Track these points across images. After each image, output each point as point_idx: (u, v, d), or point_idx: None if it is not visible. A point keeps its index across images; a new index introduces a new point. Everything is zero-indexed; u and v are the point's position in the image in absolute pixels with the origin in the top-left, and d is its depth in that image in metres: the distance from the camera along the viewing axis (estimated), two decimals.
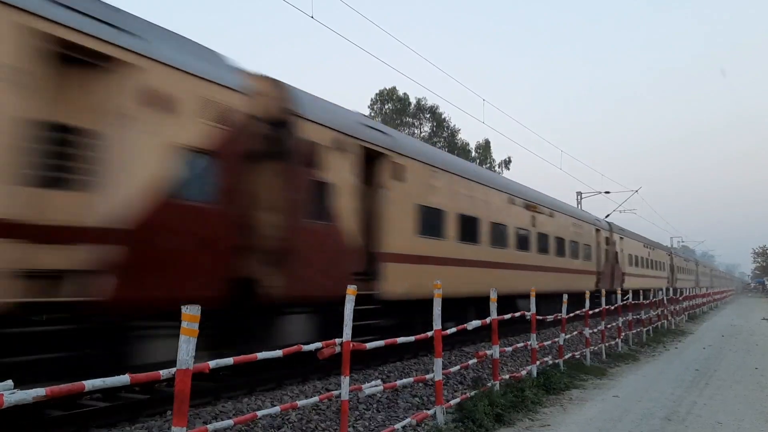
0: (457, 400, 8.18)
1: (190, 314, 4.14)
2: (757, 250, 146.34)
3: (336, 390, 6.24)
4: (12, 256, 5.95)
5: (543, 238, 20.36)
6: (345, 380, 6.03)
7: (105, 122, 6.86)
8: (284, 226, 9.29)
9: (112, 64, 6.91)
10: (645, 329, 19.86)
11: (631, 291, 27.60)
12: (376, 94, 62.80)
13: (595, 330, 15.01)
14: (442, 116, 63.76)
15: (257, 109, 9.05)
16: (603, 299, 15.40)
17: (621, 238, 32.07)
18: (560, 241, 22.14)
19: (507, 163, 66.18)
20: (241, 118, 8.59)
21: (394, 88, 62.33)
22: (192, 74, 7.89)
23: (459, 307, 13.52)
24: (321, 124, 10.15)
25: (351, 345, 6.04)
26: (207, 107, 8.03)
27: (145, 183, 7.21)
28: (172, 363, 4.16)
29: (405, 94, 62.43)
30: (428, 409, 7.67)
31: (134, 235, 6.98)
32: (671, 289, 32.63)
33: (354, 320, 6.09)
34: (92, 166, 6.80)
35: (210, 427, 4.77)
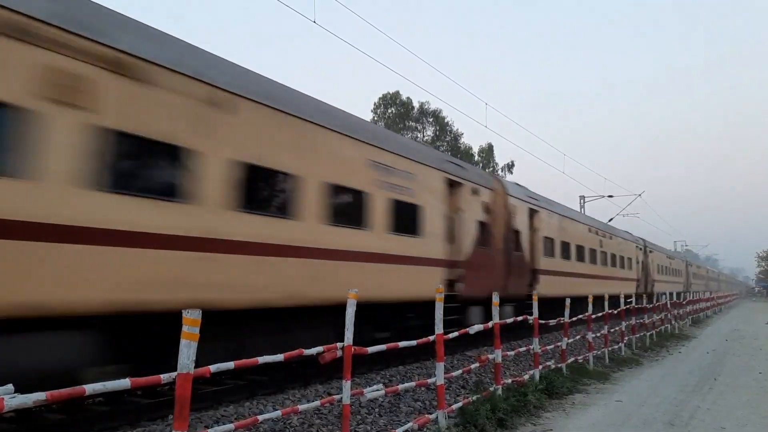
0: (459, 404, 8.16)
1: (192, 318, 4.13)
2: (761, 254, 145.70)
3: (338, 394, 6.23)
4: None
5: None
6: (346, 384, 6.02)
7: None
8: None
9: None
10: (648, 333, 19.81)
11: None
12: (380, 98, 62.83)
13: (598, 334, 14.98)
14: (445, 120, 63.80)
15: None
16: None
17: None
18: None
19: (510, 167, 66.10)
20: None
21: (398, 92, 62.37)
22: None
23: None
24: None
25: (352, 349, 6.04)
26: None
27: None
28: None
29: (408, 98, 62.48)
30: (430, 414, 7.66)
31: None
32: (687, 293, 40.02)
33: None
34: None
35: (211, 431, 4.76)
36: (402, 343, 7.33)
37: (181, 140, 7.33)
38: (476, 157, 65.31)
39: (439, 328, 7.56)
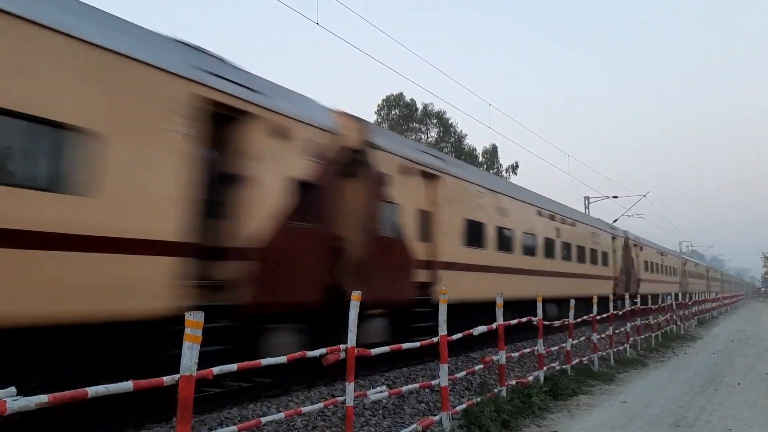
0: (464, 406, 8.14)
1: (194, 320, 4.13)
2: (767, 255, 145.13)
3: (341, 396, 6.22)
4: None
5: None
6: (350, 386, 6.01)
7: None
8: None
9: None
10: (654, 334, 19.73)
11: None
12: (383, 100, 62.86)
13: (603, 335, 14.93)
14: (449, 121, 63.79)
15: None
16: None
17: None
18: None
19: (514, 168, 66.03)
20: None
21: (401, 93, 62.40)
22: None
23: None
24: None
25: (356, 351, 6.03)
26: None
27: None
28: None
29: (412, 99, 62.49)
30: (434, 415, 7.63)
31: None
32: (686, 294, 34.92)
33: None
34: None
35: None
36: (405, 345, 7.32)
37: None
38: (480, 158, 65.27)
39: (442, 330, 7.55)
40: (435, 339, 7.58)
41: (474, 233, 15.10)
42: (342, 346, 5.96)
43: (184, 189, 7.49)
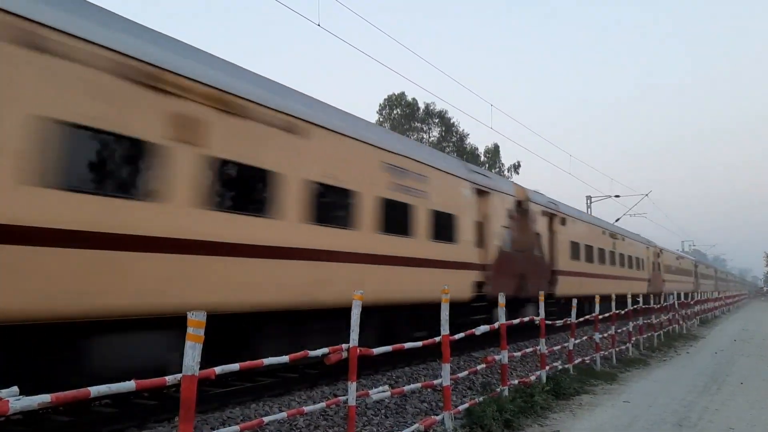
0: (466, 405, 8.13)
1: (196, 320, 4.13)
2: None
3: (344, 395, 6.22)
4: None
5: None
6: (352, 386, 6.01)
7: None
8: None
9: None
10: (656, 334, 19.71)
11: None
12: (385, 100, 62.84)
13: (606, 334, 14.92)
14: (451, 121, 63.74)
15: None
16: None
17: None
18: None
19: (516, 167, 66.01)
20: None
21: (403, 93, 62.39)
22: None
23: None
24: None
25: (358, 350, 6.03)
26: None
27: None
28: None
29: (413, 99, 62.46)
30: (436, 415, 7.63)
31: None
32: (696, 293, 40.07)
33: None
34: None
35: None
36: (408, 345, 7.31)
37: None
38: (482, 158, 65.24)
39: (444, 329, 7.54)
40: (437, 339, 7.57)
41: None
42: (344, 346, 5.95)
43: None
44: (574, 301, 12.96)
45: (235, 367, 4.73)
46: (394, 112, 62.62)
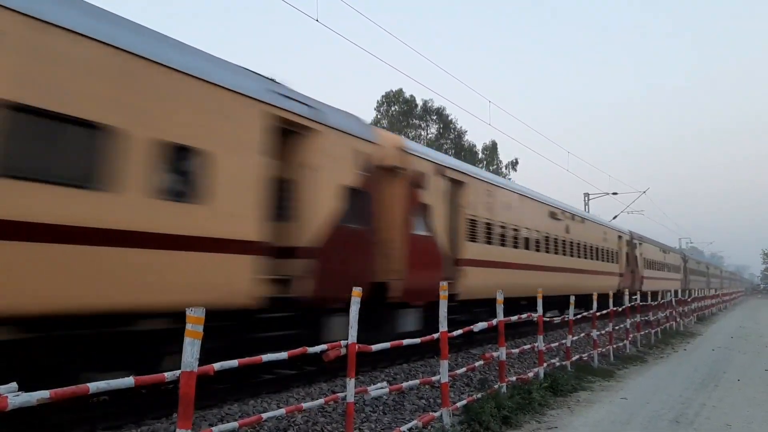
0: (464, 402, 8.15)
1: (195, 317, 4.13)
2: (766, 252, 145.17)
3: (342, 392, 6.23)
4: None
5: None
6: (350, 382, 6.02)
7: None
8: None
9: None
10: (653, 331, 19.75)
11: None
12: (383, 96, 62.84)
13: (603, 332, 14.94)
14: (449, 118, 63.74)
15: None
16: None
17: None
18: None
19: (514, 164, 66.07)
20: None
21: (401, 90, 62.36)
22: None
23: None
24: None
25: (356, 347, 6.04)
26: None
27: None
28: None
29: (411, 96, 62.44)
30: (434, 411, 7.64)
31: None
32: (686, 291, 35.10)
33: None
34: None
35: (215, 429, 4.76)
36: (406, 341, 7.32)
37: None
38: (480, 155, 65.27)
39: (443, 326, 7.55)
40: (435, 335, 7.58)
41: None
42: (343, 342, 5.96)
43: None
44: (572, 298, 12.95)
45: (233, 363, 4.73)
46: (392, 108, 62.60)
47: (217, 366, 4.53)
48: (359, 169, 10.68)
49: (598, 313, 14.26)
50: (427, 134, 63.57)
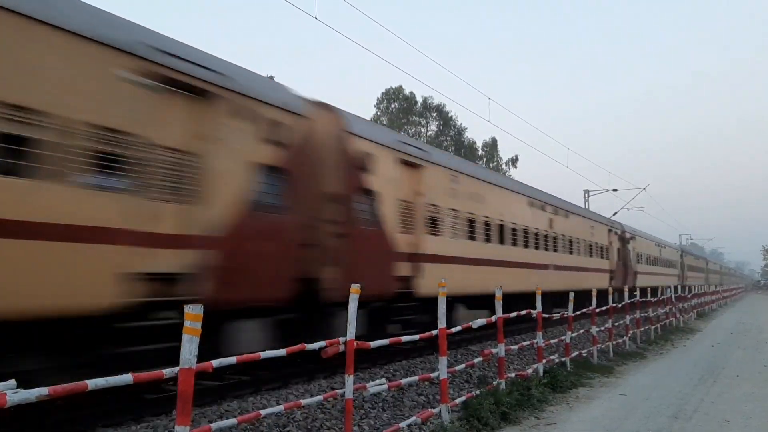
0: (463, 398, 8.16)
1: (193, 313, 4.14)
2: (767, 248, 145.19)
3: (341, 389, 6.24)
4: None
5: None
6: (349, 379, 6.02)
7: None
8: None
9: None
10: (653, 327, 19.77)
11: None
12: (382, 93, 62.80)
13: (603, 328, 14.96)
14: (449, 115, 63.70)
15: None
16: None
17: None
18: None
19: (514, 161, 66.01)
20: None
21: (401, 87, 62.28)
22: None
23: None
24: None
25: (355, 344, 6.05)
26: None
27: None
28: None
29: (411, 93, 62.38)
30: (434, 408, 7.65)
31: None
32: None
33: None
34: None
35: (214, 426, 4.77)
36: (405, 338, 7.33)
37: None
38: (480, 152, 65.24)
39: (441, 323, 7.56)
40: (434, 332, 7.59)
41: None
42: (341, 339, 5.97)
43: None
44: (571, 294, 12.95)
45: (232, 360, 4.74)
46: (392, 105, 62.55)
47: (215, 363, 4.54)
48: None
49: (591, 310, 14.27)
50: (427, 131, 63.54)
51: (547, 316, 11.68)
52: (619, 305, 16.84)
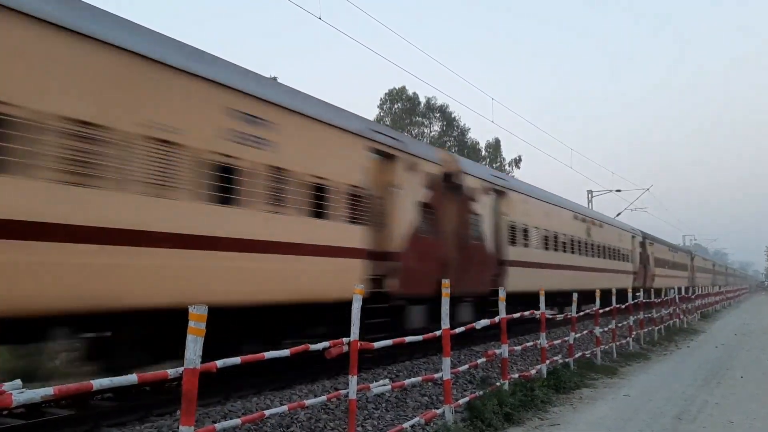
0: (466, 399, 8.16)
1: (198, 314, 4.15)
2: None
3: (345, 389, 6.24)
4: None
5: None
6: (353, 380, 6.03)
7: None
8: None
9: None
10: (657, 328, 19.73)
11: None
12: (386, 94, 62.79)
13: (606, 329, 14.94)
14: (452, 116, 63.66)
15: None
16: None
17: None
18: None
19: (517, 162, 65.99)
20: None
21: (404, 87, 62.29)
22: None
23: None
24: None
25: (359, 344, 6.05)
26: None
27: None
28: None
29: (414, 93, 62.38)
30: (437, 408, 7.66)
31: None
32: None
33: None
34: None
35: (218, 426, 4.78)
36: (408, 338, 7.34)
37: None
38: (483, 152, 65.16)
39: (445, 323, 7.56)
40: (438, 332, 7.59)
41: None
42: (345, 340, 5.97)
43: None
44: (575, 295, 12.95)
45: (236, 360, 4.75)
46: (395, 106, 62.54)
47: (219, 363, 4.55)
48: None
49: (600, 310, 14.26)
50: (430, 132, 63.53)
51: (550, 316, 11.64)
52: (623, 306, 16.81)
